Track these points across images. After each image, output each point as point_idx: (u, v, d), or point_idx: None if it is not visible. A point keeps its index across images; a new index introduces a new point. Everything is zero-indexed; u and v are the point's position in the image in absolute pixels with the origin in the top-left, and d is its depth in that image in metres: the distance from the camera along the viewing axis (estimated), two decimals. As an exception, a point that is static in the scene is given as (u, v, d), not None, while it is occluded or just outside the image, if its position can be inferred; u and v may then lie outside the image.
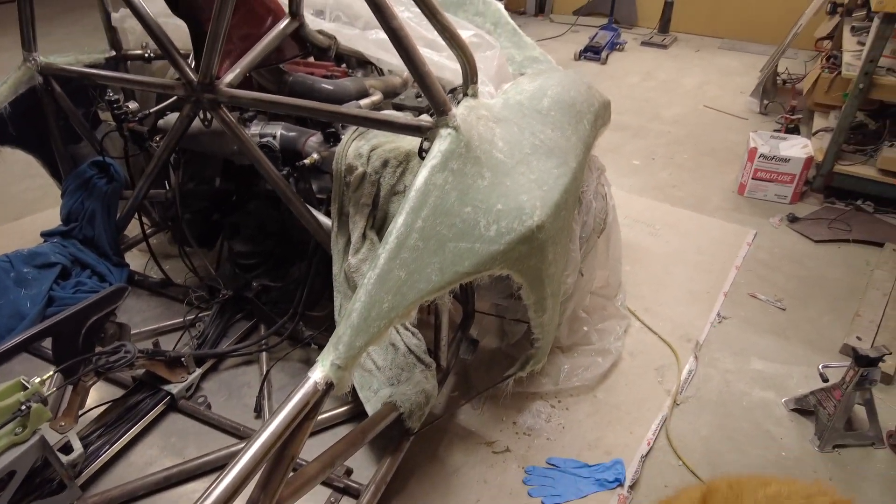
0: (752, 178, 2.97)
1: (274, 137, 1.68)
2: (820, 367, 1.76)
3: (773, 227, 2.79)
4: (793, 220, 2.81)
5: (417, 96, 1.76)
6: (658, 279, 2.42)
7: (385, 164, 1.47)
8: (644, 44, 5.61)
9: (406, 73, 1.92)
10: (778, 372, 1.98)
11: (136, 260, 2.35)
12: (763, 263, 2.54)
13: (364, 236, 1.51)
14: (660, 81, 4.67)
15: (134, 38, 2.08)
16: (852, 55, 2.99)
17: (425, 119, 1.32)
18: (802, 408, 1.81)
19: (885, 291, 2.28)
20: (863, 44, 3.10)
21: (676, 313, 2.24)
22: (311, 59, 1.97)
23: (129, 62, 2.09)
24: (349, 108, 1.54)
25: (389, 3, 1.22)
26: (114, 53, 2.04)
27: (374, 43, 1.73)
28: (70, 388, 1.41)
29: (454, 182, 1.25)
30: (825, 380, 1.74)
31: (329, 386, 0.96)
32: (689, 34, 5.92)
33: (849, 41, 3.23)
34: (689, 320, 2.20)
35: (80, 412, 1.40)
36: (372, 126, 1.42)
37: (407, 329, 1.56)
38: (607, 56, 5.09)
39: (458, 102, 1.45)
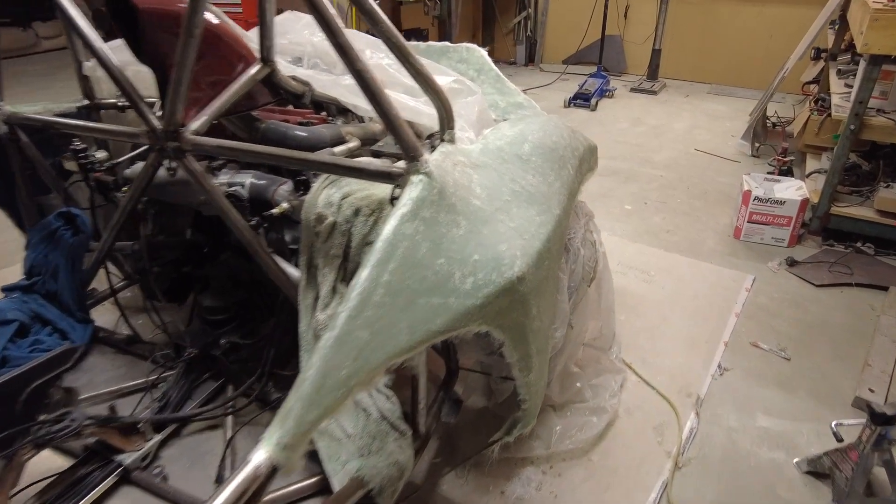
0: (748, 222, 2.90)
1: (242, 186, 1.60)
2: (833, 424, 1.62)
3: (773, 271, 2.69)
4: (792, 263, 2.71)
5: (397, 143, 1.69)
6: (654, 328, 2.30)
7: (357, 212, 1.39)
8: (633, 90, 5.68)
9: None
10: (786, 429, 1.84)
11: (108, 314, 2.23)
12: (764, 309, 2.43)
13: (334, 290, 1.40)
14: (650, 126, 4.68)
15: (109, 86, 2.03)
16: (840, 97, 2.97)
17: (396, 165, 1.24)
18: (816, 470, 1.67)
19: (894, 338, 2.16)
20: (850, 86, 3.10)
21: (675, 365, 2.11)
22: (291, 107, 1.92)
23: (102, 111, 2.04)
24: (319, 154, 1.47)
25: (355, 46, 1.16)
26: (87, 102, 1.98)
27: (347, 89, 1.68)
28: (3, 462, 1.27)
29: (426, 231, 1.15)
30: (839, 439, 1.60)
31: (273, 469, 0.84)
32: (677, 80, 6.02)
33: (836, 84, 3.23)
34: (689, 372, 2.07)
35: (14, 491, 1.25)
36: (341, 173, 1.35)
37: (380, 392, 1.44)
38: (597, 103, 5.13)
39: (435, 148, 1.39)
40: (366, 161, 1.40)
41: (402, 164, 1.26)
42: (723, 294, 2.52)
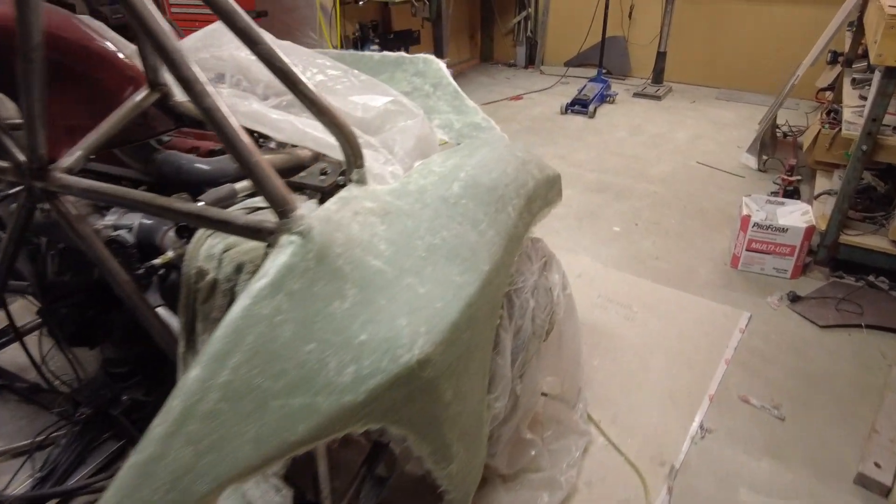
0: (747, 250, 2.61)
1: (130, 229, 1.38)
2: (824, 521, 1.36)
3: (772, 308, 2.41)
4: (794, 299, 2.43)
5: (322, 173, 1.47)
6: (631, 377, 2.04)
7: (239, 269, 1.15)
8: (636, 95, 5.37)
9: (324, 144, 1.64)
10: (774, 511, 1.58)
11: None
12: (758, 355, 2.15)
13: (214, 362, 1.17)
14: (650, 136, 4.38)
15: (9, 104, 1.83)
16: (853, 112, 2.67)
17: (268, 220, 1.01)
18: (805, 572, 1.40)
19: (907, 396, 1.88)
20: (864, 98, 2.78)
21: (650, 424, 1.85)
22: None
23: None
24: (181, 201, 1.23)
25: (203, 79, 0.93)
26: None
27: (250, 115, 1.43)
28: None
29: (292, 310, 0.92)
30: (832, 540, 1.33)
31: None
32: (684, 84, 5.69)
33: (849, 95, 2.92)
34: (665, 434, 1.81)
35: None
36: (205, 225, 1.12)
37: (269, 483, 1.20)
38: (595, 109, 4.84)
39: (334, 192, 1.16)
40: (234, 211, 1.17)
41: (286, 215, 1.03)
42: (713, 335, 2.24)
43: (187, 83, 0.92)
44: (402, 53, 2.16)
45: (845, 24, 3.59)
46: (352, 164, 1.20)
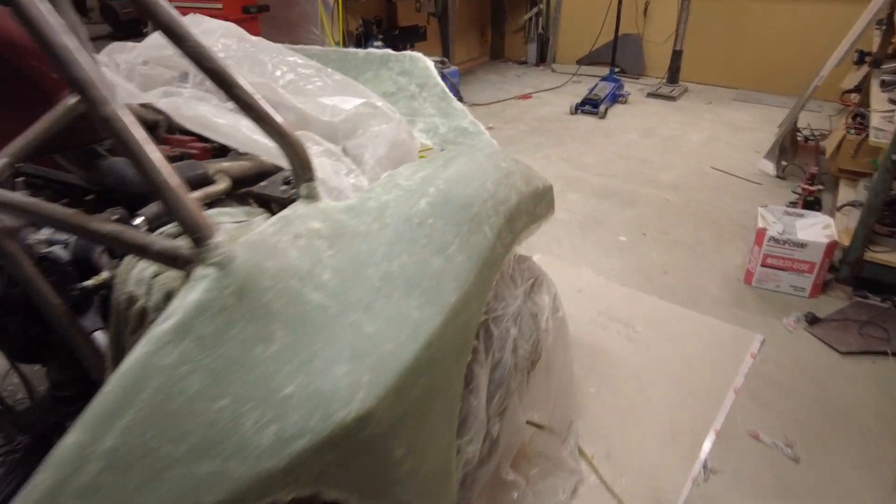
0: (762, 266, 2.42)
1: (66, 245, 1.25)
2: None
3: (787, 330, 2.21)
4: (812, 321, 2.23)
5: (286, 182, 1.33)
6: (629, 406, 1.87)
7: (169, 297, 1.01)
8: (650, 95, 5.16)
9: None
10: (784, 571, 1.40)
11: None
12: (771, 383, 1.96)
13: (139, 401, 1.04)
14: (662, 138, 4.18)
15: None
16: (882, 117, 2.46)
17: (184, 246, 0.86)
18: None
19: (938, 438, 1.69)
20: (894, 102, 2.58)
21: (647, 461, 1.68)
22: (180, 136, 1.57)
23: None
24: (150, 208, 1.10)
25: (100, 82, 0.79)
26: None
27: (193, 120, 1.29)
28: None
29: (201, 358, 0.77)
30: None
31: None
32: (701, 84, 5.47)
33: (878, 98, 2.70)
34: (664, 474, 1.64)
35: None
36: (122, 248, 0.99)
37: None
38: (606, 110, 4.64)
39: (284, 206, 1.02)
40: (153, 235, 1.03)
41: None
42: (721, 360, 2.06)
43: (81, 87, 0.78)
44: (388, 50, 2.01)
45: (874, 22, 3.36)
46: (300, 176, 1.05)
